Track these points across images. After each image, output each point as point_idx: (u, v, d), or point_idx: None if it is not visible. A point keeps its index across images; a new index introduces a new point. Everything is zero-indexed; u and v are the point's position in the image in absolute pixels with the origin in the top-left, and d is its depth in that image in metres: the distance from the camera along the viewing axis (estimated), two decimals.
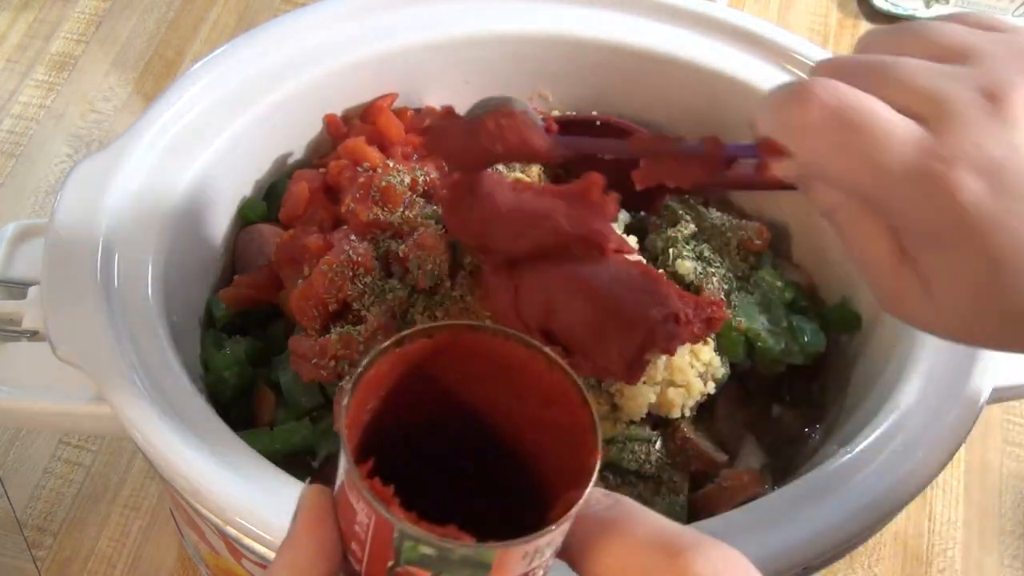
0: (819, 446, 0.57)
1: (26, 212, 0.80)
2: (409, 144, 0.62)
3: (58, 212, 0.52)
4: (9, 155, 0.83)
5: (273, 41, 0.60)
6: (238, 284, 0.58)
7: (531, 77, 0.66)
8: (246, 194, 0.62)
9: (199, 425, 0.47)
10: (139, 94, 0.88)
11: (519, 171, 0.62)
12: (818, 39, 0.95)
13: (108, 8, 0.93)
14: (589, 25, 0.63)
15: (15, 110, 0.86)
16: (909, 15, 0.95)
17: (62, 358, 0.48)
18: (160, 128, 0.56)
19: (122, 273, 0.51)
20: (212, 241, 0.60)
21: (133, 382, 0.47)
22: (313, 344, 0.53)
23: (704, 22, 0.63)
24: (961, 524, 0.71)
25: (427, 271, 0.54)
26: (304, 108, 0.61)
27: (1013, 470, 0.73)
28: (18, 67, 0.89)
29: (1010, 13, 0.96)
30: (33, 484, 0.68)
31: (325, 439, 0.53)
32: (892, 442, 0.48)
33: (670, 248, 0.59)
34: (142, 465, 0.69)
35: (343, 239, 0.55)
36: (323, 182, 0.60)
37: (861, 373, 0.57)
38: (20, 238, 0.57)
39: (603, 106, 0.66)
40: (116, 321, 0.49)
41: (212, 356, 0.56)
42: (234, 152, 0.58)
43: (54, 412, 0.51)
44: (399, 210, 0.56)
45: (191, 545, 0.61)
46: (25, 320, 0.54)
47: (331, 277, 0.53)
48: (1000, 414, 0.76)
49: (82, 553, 0.66)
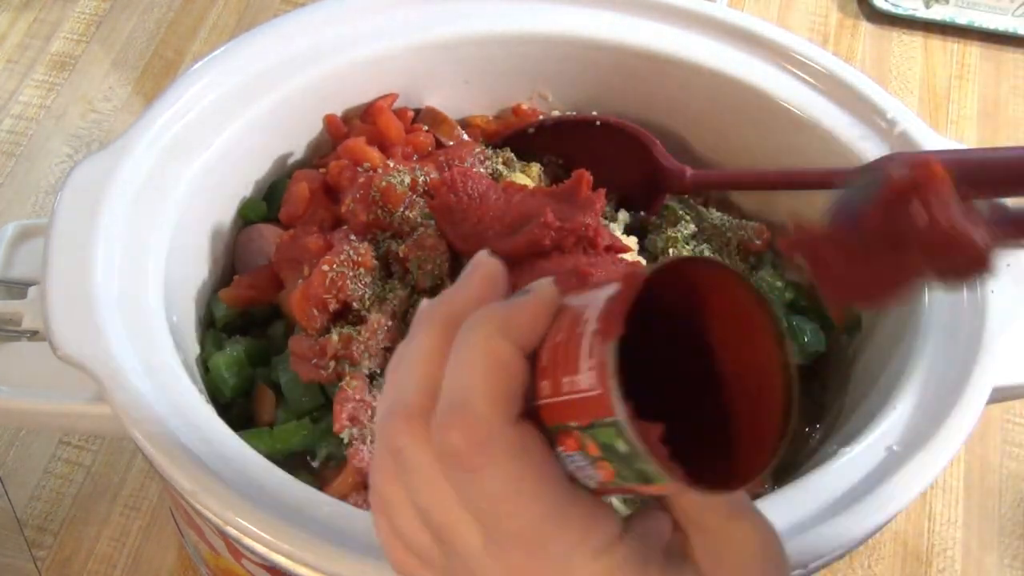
0: (819, 446, 0.57)
1: (26, 212, 0.80)
2: (409, 144, 0.62)
3: (58, 212, 0.52)
4: (9, 155, 0.83)
5: (273, 41, 0.60)
6: (238, 284, 0.58)
7: (531, 77, 0.66)
8: (246, 194, 0.62)
9: (199, 425, 0.47)
10: (139, 94, 0.88)
11: (519, 171, 0.62)
12: (818, 39, 0.95)
13: (108, 8, 0.93)
14: (589, 25, 0.63)
15: (15, 110, 0.86)
16: (909, 15, 0.95)
17: (62, 358, 0.48)
18: (160, 128, 0.56)
19: (122, 273, 0.51)
20: (212, 241, 0.60)
21: (133, 382, 0.47)
22: (313, 344, 0.53)
23: (704, 22, 0.63)
24: (961, 524, 0.71)
25: (427, 271, 0.54)
26: (304, 108, 0.61)
27: (1013, 470, 0.73)
28: (18, 67, 0.89)
29: (1010, 13, 0.96)
30: (33, 484, 0.68)
31: (325, 439, 0.53)
32: (892, 442, 0.48)
33: (670, 248, 0.59)
34: (142, 465, 0.69)
35: (343, 239, 0.55)
36: (323, 182, 0.60)
37: (861, 373, 0.57)
38: (20, 238, 0.57)
39: (603, 106, 0.66)
40: (116, 321, 0.49)
41: (212, 356, 0.56)
42: (234, 152, 0.58)
43: (54, 412, 0.51)
44: (399, 210, 0.56)
45: (191, 545, 0.61)
46: (25, 320, 0.53)
47: (331, 277, 0.53)
48: (1000, 414, 0.76)
49: (82, 553, 0.66)
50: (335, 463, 0.52)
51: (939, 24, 0.96)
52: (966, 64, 0.95)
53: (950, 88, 0.93)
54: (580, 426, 0.27)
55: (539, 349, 0.28)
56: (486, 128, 0.66)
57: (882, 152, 0.58)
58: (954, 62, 0.95)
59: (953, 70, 0.95)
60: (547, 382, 0.28)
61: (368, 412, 0.51)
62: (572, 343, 0.27)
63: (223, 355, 0.55)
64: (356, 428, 0.50)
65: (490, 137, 0.66)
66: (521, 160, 0.63)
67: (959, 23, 0.95)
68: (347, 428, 0.50)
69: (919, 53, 0.95)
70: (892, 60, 0.95)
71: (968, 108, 0.92)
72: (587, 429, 0.26)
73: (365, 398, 0.51)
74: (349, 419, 0.50)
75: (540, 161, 0.64)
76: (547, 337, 0.28)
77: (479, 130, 0.66)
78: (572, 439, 0.27)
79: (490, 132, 0.66)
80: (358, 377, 0.51)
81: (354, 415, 0.51)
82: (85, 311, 0.49)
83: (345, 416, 0.50)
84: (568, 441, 0.27)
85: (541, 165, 0.64)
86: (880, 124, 0.59)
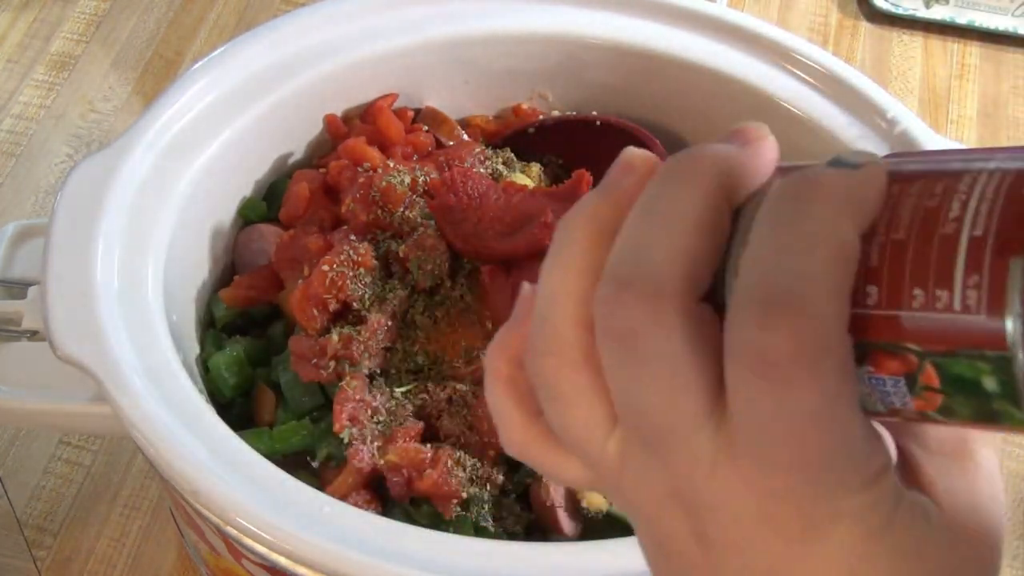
0: None
1: (26, 212, 0.80)
2: (409, 144, 0.62)
3: (58, 212, 0.52)
4: (9, 155, 0.83)
5: (273, 41, 0.60)
6: (238, 284, 0.58)
7: (531, 77, 0.66)
8: (246, 194, 0.62)
9: (199, 425, 0.47)
10: (139, 94, 0.88)
11: (519, 171, 0.62)
12: (818, 39, 0.95)
13: (108, 8, 0.93)
14: (589, 25, 0.63)
15: (15, 110, 0.86)
16: (909, 15, 0.95)
17: (62, 358, 0.48)
18: (160, 128, 0.56)
19: (122, 273, 0.51)
20: (212, 241, 0.60)
21: (133, 382, 0.47)
22: (313, 344, 0.53)
23: (704, 22, 0.63)
24: None
25: (427, 271, 0.54)
26: (304, 108, 0.61)
27: (1013, 470, 0.73)
28: (18, 67, 0.89)
29: (1010, 13, 0.96)
30: (33, 484, 0.68)
31: (325, 439, 0.53)
32: None
33: None
34: (142, 465, 0.69)
35: (343, 239, 0.55)
36: (323, 182, 0.60)
37: None
38: (20, 238, 0.57)
39: (603, 106, 0.66)
40: (116, 321, 0.49)
41: (212, 356, 0.56)
42: (234, 152, 0.58)
43: (54, 412, 0.51)
44: (399, 210, 0.56)
45: (191, 545, 0.61)
46: (25, 320, 0.54)
47: (331, 277, 0.53)
48: None
49: (82, 553, 0.66)
50: (335, 463, 0.52)
51: (939, 24, 0.96)
52: (966, 64, 0.95)
53: (950, 88, 0.93)
54: (927, 351, 0.22)
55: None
56: (486, 128, 0.66)
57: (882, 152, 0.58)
58: (954, 62, 0.95)
59: (953, 70, 0.95)
60: (877, 288, 0.22)
61: (368, 412, 0.51)
62: (931, 245, 0.21)
63: (223, 355, 0.55)
64: (356, 428, 0.50)
65: (490, 137, 0.66)
66: (521, 160, 0.63)
67: (959, 23, 0.95)
68: (347, 428, 0.50)
69: (919, 53, 0.95)
70: (892, 60, 0.95)
71: (968, 108, 0.92)
72: (938, 356, 0.21)
73: (365, 398, 0.51)
74: (349, 419, 0.50)
75: (540, 161, 0.64)
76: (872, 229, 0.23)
77: (479, 130, 0.66)
78: (899, 362, 0.22)
79: (490, 132, 0.66)
80: (358, 377, 0.51)
81: (354, 415, 0.51)
82: (85, 311, 0.49)
83: (345, 416, 0.50)
84: (889, 364, 0.22)
85: (541, 165, 0.64)
86: (880, 124, 0.59)
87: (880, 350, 0.22)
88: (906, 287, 0.22)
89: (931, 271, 0.21)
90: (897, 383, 0.23)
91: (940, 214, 0.22)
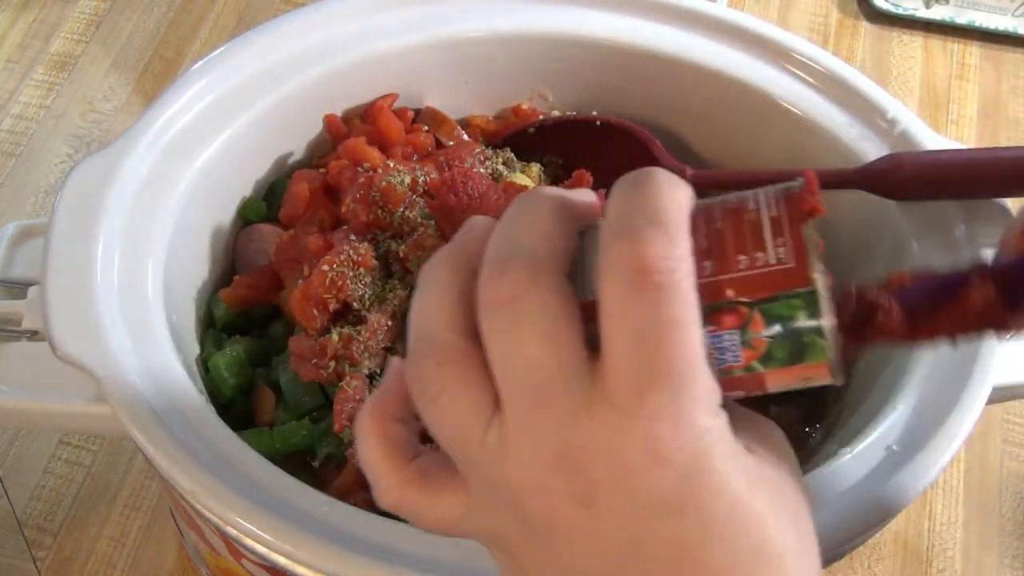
0: (819, 446, 0.57)
1: (26, 212, 0.80)
2: (409, 144, 0.62)
3: (58, 212, 0.52)
4: (9, 155, 0.83)
5: (273, 41, 0.60)
6: (238, 284, 0.58)
7: (531, 77, 0.66)
8: (246, 194, 0.62)
9: (199, 425, 0.47)
10: (139, 94, 0.88)
11: (519, 171, 0.62)
12: (818, 39, 0.95)
13: (108, 8, 0.93)
14: (589, 25, 0.63)
15: (15, 110, 0.86)
16: (909, 15, 0.96)
17: (62, 358, 0.48)
18: (160, 128, 0.56)
19: (122, 273, 0.51)
20: (212, 241, 0.60)
21: (133, 382, 0.47)
22: (313, 344, 0.53)
23: (704, 22, 0.63)
24: (961, 524, 0.71)
25: None
26: (304, 108, 0.61)
27: (1013, 470, 0.73)
28: (18, 67, 0.89)
29: (1010, 13, 0.96)
30: (33, 484, 0.68)
31: (325, 439, 0.53)
32: (892, 442, 0.48)
33: None
34: (142, 465, 0.69)
35: (343, 239, 0.55)
36: (323, 182, 0.60)
37: (861, 373, 0.57)
38: (20, 238, 0.57)
39: (603, 106, 0.66)
40: (116, 321, 0.49)
41: (212, 356, 0.56)
42: (234, 152, 0.58)
43: (54, 412, 0.51)
44: (399, 210, 0.56)
45: (191, 545, 0.61)
46: (25, 320, 0.53)
47: (331, 277, 0.53)
48: (1000, 414, 0.76)
49: (82, 553, 0.66)
50: (335, 463, 0.52)
51: (939, 24, 0.96)
52: (966, 64, 0.95)
53: (950, 88, 0.93)
54: (755, 300, 0.28)
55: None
56: (486, 128, 0.66)
57: (882, 152, 0.58)
58: (954, 62, 0.95)
59: (953, 70, 0.95)
60: (712, 262, 0.29)
61: None
62: (743, 226, 0.29)
63: (223, 355, 0.55)
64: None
65: (490, 137, 0.66)
66: (521, 160, 0.63)
67: (959, 23, 0.95)
68: (347, 428, 0.50)
69: (919, 53, 0.95)
70: (892, 60, 0.95)
71: (968, 108, 0.92)
72: (763, 303, 0.28)
73: (365, 398, 0.51)
74: (349, 419, 0.50)
75: (540, 161, 0.64)
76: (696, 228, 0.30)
77: (479, 130, 0.66)
78: (734, 316, 0.29)
79: (490, 132, 0.66)
80: (358, 377, 0.51)
81: (354, 415, 0.51)
82: (85, 311, 0.49)
83: (345, 416, 0.50)
84: (726, 319, 0.29)
85: (541, 165, 0.64)
86: (880, 124, 0.59)
87: (719, 309, 0.29)
88: (732, 256, 0.29)
89: (747, 242, 0.29)
90: (732, 336, 0.29)
91: (743, 209, 0.30)
